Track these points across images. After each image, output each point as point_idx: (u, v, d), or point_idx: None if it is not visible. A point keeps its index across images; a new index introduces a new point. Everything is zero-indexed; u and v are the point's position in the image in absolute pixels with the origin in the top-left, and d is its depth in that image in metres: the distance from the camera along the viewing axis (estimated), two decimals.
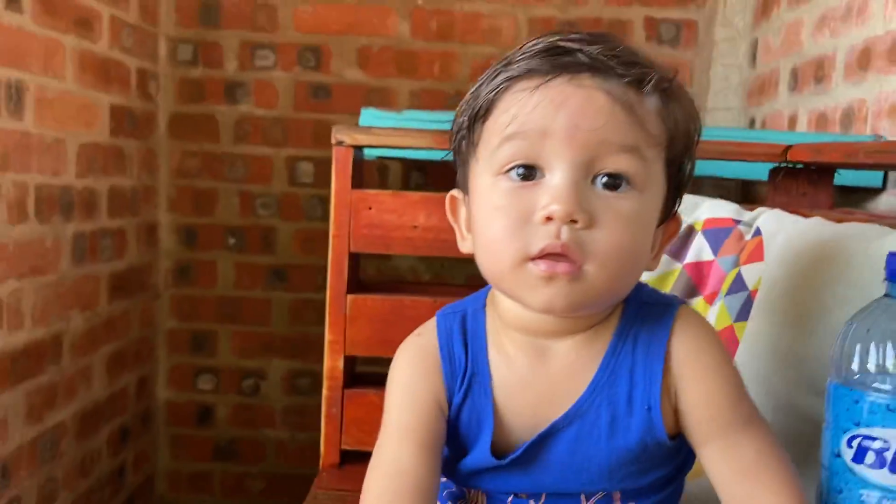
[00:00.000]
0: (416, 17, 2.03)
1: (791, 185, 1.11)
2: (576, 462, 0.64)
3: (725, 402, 0.64)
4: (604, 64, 0.58)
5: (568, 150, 0.58)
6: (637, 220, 0.60)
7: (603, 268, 0.58)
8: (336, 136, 1.08)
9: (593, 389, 0.63)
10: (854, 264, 0.75)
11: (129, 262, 1.91)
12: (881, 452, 0.61)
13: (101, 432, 1.80)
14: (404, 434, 0.65)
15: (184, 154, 2.07)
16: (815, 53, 1.61)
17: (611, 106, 0.58)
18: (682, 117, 0.62)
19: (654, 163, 0.61)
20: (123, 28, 1.83)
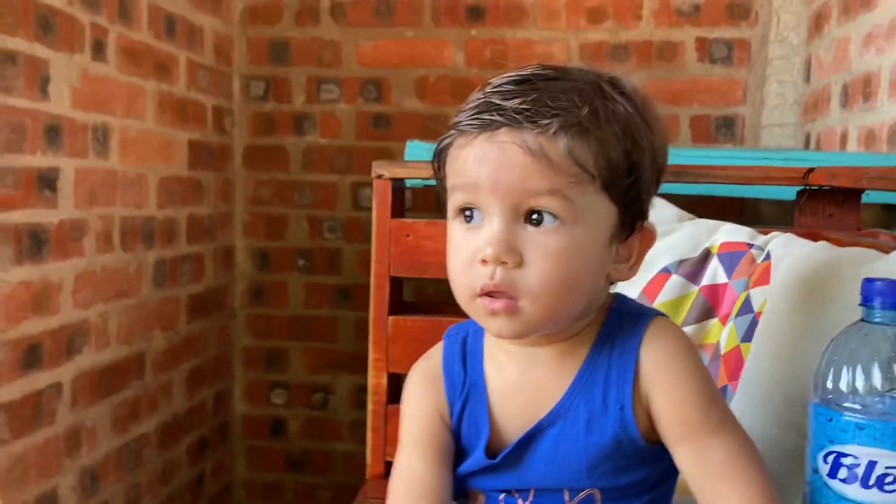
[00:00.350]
0: (470, 46, 2.12)
1: (817, 206, 1.13)
2: (558, 458, 0.70)
3: (694, 406, 0.68)
4: (516, 118, 0.64)
5: (494, 200, 0.65)
6: (568, 253, 0.65)
7: (535, 301, 0.65)
8: (376, 170, 1.17)
9: (573, 391, 0.70)
10: (846, 288, 0.78)
11: (206, 285, 2.06)
12: (853, 468, 0.64)
13: (181, 443, 1.95)
14: (414, 445, 0.74)
15: (257, 183, 2.22)
16: (863, 70, 1.61)
17: (523, 158, 0.63)
18: (611, 144, 0.65)
19: (584, 195, 0.65)
20: (199, 70, 1.98)
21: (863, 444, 0.64)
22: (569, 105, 0.65)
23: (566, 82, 0.67)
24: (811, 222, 1.14)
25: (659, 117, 0.71)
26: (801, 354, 0.81)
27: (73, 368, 1.50)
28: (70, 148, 1.48)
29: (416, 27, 2.13)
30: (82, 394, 1.53)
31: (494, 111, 0.65)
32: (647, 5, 2.08)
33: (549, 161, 0.64)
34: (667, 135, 0.72)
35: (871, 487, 0.64)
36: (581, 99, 0.66)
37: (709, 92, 2.09)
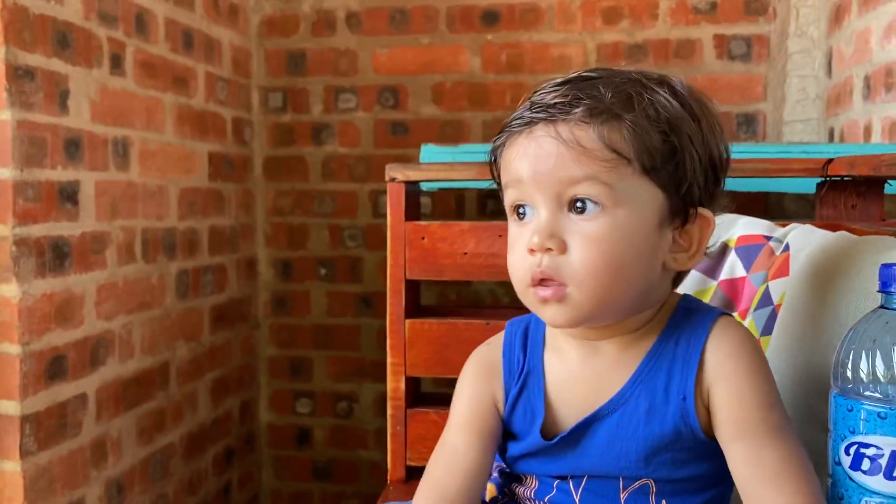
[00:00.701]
0: (486, 51, 2.12)
1: (838, 198, 1.11)
2: (615, 446, 0.71)
3: (754, 406, 0.68)
4: (550, 112, 0.67)
5: (537, 192, 0.68)
6: (610, 237, 0.66)
7: (581, 287, 0.67)
8: (389, 173, 1.17)
9: (634, 381, 0.71)
10: (865, 276, 0.76)
11: (229, 295, 2.08)
12: (875, 459, 0.63)
13: (207, 453, 1.96)
14: (462, 426, 0.77)
15: (277, 193, 2.23)
16: (885, 61, 1.58)
17: (557, 148, 0.66)
18: (646, 128, 0.66)
19: (623, 180, 0.66)
20: (218, 82, 2.00)
21: (886, 433, 0.62)
22: (600, 94, 0.67)
23: (605, 79, 0.70)
24: (833, 214, 1.12)
25: (712, 112, 0.72)
26: (821, 346, 0.79)
27: (98, 379, 1.52)
28: (90, 161, 1.50)
29: (431, 34, 2.14)
30: (107, 405, 1.54)
31: (533, 109, 0.68)
32: (663, 4, 2.06)
33: (583, 148, 0.66)
34: (721, 129, 0.72)
35: (894, 479, 0.62)
36: (614, 88, 0.68)
37: (729, 89, 2.06)
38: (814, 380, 0.79)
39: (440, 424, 1.19)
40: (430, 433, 1.19)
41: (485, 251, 1.15)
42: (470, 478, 0.75)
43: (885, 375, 0.63)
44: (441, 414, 1.19)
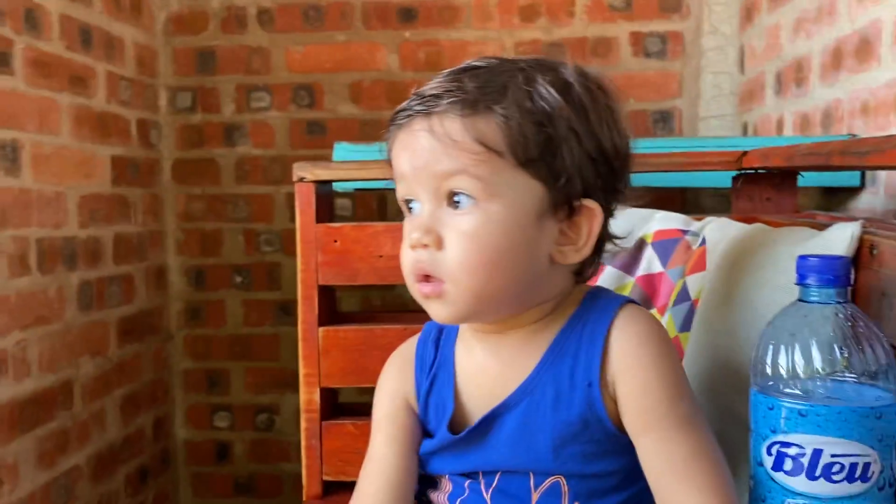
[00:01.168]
0: (404, 49, 2.08)
1: (753, 190, 1.11)
2: (524, 437, 0.69)
3: (662, 396, 0.66)
4: (425, 106, 0.66)
5: (418, 186, 0.67)
6: (483, 232, 0.65)
7: (457, 283, 0.65)
8: (297, 172, 1.11)
9: (540, 369, 0.69)
10: (781, 268, 0.75)
11: (139, 307, 1.97)
12: (798, 458, 0.61)
13: (118, 474, 1.85)
14: (378, 427, 0.77)
15: (188, 198, 2.13)
16: (794, 56, 1.60)
17: (430, 142, 0.65)
18: (519, 120, 0.64)
19: (496, 173, 0.64)
20: (120, 82, 1.90)
21: (807, 432, 0.60)
22: (473, 86, 0.65)
23: (487, 69, 0.68)
24: (749, 207, 1.12)
25: (609, 103, 0.69)
26: (740, 341, 0.77)
27: None
28: None
29: (347, 31, 2.08)
30: (1, 428, 1.43)
31: (412, 101, 0.67)
32: (579, 1, 2.06)
33: (453, 142, 0.64)
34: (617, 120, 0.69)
35: (817, 478, 0.60)
36: (491, 78, 0.66)
37: (645, 86, 2.07)
38: (733, 376, 0.77)
39: (358, 437, 1.14)
40: (349, 446, 1.13)
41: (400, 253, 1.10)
42: (392, 484, 0.74)
43: (804, 371, 0.61)
44: (359, 426, 1.13)
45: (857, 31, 1.30)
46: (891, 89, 1.19)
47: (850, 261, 0.62)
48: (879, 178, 1.26)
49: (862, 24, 1.28)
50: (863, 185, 1.32)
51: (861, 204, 1.32)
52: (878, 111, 1.23)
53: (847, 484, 0.59)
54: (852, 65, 1.33)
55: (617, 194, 0.70)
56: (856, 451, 0.58)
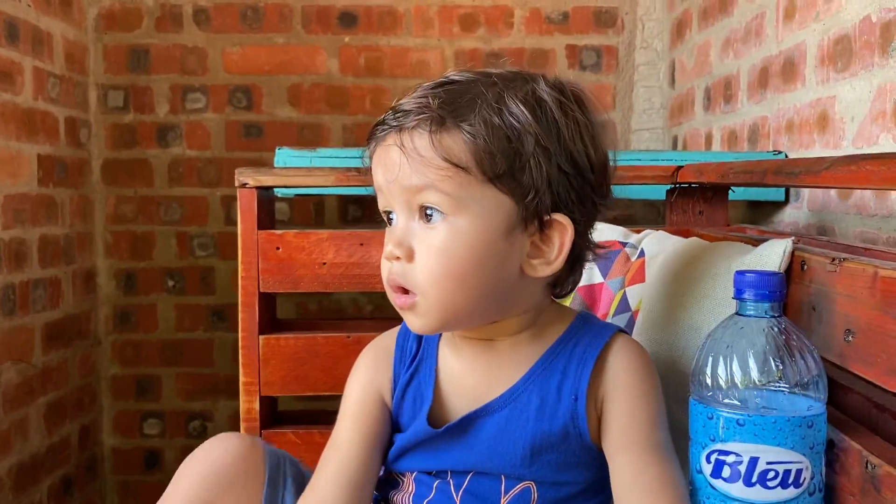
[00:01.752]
0: (344, 54, 2.07)
1: (687, 204, 1.15)
2: (502, 442, 0.71)
3: (643, 423, 0.70)
4: (398, 121, 0.67)
5: (391, 198, 0.69)
6: (451, 246, 0.66)
7: (426, 295, 0.67)
8: (239, 178, 1.10)
9: (528, 378, 0.71)
10: (720, 282, 0.78)
11: (65, 311, 1.91)
12: (735, 466, 0.63)
13: (41, 484, 1.78)
14: (345, 416, 0.77)
15: (119, 199, 2.08)
16: (723, 73, 1.67)
17: (399, 157, 0.67)
18: (486, 137, 0.65)
19: (464, 188, 0.66)
20: (49, 78, 1.83)
21: (744, 440, 0.63)
22: (441, 101, 0.66)
23: (461, 84, 0.69)
24: (682, 220, 1.16)
25: (584, 117, 0.69)
26: (678, 352, 0.80)
27: None
28: None
29: (286, 33, 2.06)
30: None
31: (387, 116, 0.69)
32: (517, 13, 2.09)
33: (421, 157, 0.66)
34: (594, 133, 0.70)
35: (754, 485, 0.63)
36: (460, 94, 0.67)
37: None
38: (673, 386, 0.80)
39: (300, 446, 1.13)
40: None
41: (345, 261, 1.10)
42: (351, 470, 0.74)
43: (742, 382, 0.64)
44: (300, 435, 1.13)
45: (783, 52, 1.36)
46: (814, 109, 1.26)
47: (784, 277, 0.66)
48: (803, 194, 1.32)
49: (788, 45, 1.34)
50: (787, 201, 1.38)
51: (786, 217, 1.38)
52: (802, 129, 1.29)
53: (781, 490, 0.62)
54: (778, 84, 1.39)
55: (595, 206, 0.71)
56: (789, 459, 0.62)
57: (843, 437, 0.64)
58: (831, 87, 1.20)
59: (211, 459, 0.78)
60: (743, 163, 0.85)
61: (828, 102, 1.21)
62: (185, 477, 0.77)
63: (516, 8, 2.08)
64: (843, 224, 1.18)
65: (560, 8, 2.09)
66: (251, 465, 0.78)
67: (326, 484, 0.74)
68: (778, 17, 1.39)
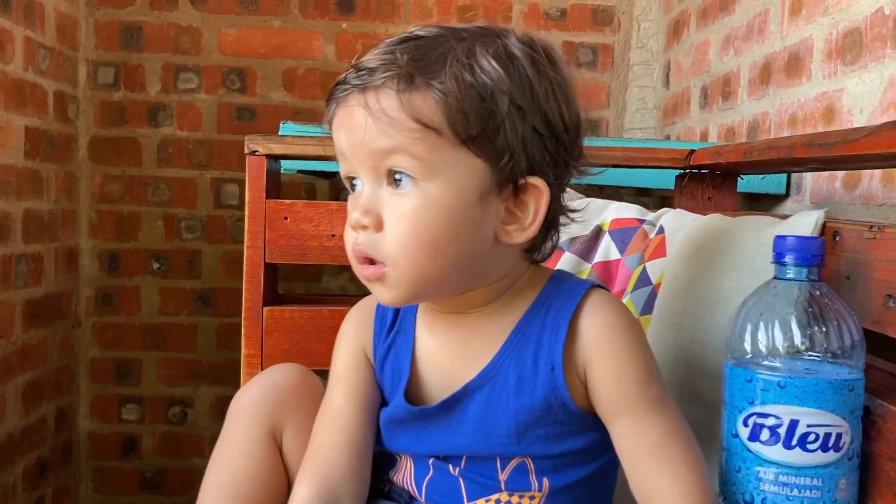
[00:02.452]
0: (341, 39, 2.05)
1: (696, 189, 1.15)
2: (488, 421, 0.68)
3: (633, 381, 0.66)
4: (361, 78, 0.62)
5: (355, 163, 0.65)
6: (422, 213, 0.62)
7: (396, 266, 0.63)
8: (249, 145, 1.07)
9: (503, 353, 0.68)
10: (748, 252, 0.78)
11: (46, 289, 1.86)
12: (775, 429, 0.63)
13: (15, 466, 1.73)
14: (337, 380, 0.75)
15: (105, 178, 2.03)
16: (722, 71, 1.69)
17: (366, 119, 0.62)
18: (458, 97, 0.61)
19: (436, 151, 0.61)
20: (39, 50, 1.79)
21: (784, 402, 0.63)
22: (410, 58, 0.62)
23: (430, 39, 0.64)
24: (691, 205, 1.16)
25: (559, 75, 0.66)
26: (704, 323, 0.80)
27: None
28: None
29: (283, 17, 2.04)
30: None
31: (349, 75, 0.64)
32: (516, 7, 2.10)
33: (389, 118, 0.61)
34: (568, 92, 0.67)
35: (793, 448, 0.62)
36: (430, 50, 0.63)
37: None
38: (696, 357, 0.80)
39: None
40: None
41: None
42: (349, 435, 0.72)
43: (783, 345, 0.64)
44: None
45: (788, 48, 1.38)
46: (819, 103, 1.27)
47: (825, 241, 0.66)
48: (805, 185, 1.33)
49: (793, 41, 1.36)
50: (787, 194, 1.39)
51: (786, 211, 1.39)
52: (807, 122, 1.31)
53: (821, 453, 0.62)
54: (781, 79, 1.40)
55: (568, 169, 0.67)
56: (830, 422, 0.61)
57: (881, 402, 0.64)
58: (839, 80, 1.21)
59: (273, 380, 0.78)
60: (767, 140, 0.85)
61: (835, 96, 1.22)
62: (246, 395, 0.78)
63: (515, 2, 2.09)
64: (849, 216, 1.19)
65: (558, 4, 2.09)
66: (309, 385, 0.79)
67: (330, 447, 0.72)
68: (783, 14, 1.41)
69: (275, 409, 0.76)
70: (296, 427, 0.76)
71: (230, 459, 0.76)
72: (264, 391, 0.77)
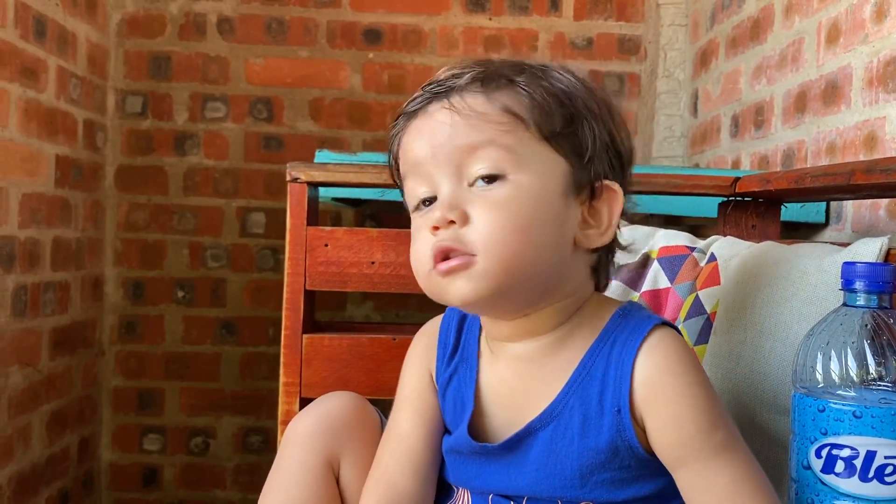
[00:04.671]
0: (367, 70, 2.06)
1: (740, 217, 1.13)
2: (550, 462, 0.65)
3: (695, 427, 0.62)
4: (443, 86, 0.65)
5: (437, 169, 0.65)
6: (514, 201, 0.63)
7: (488, 253, 0.62)
8: (291, 172, 1.07)
9: (568, 390, 0.66)
10: (809, 281, 0.76)
11: (72, 317, 1.85)
12: (850, 460, 0.61)
13: (39, 496, 1.71)
14: (404, 403, 0.74)
15: (131, 206, 2.04)
16: (754, 100, 1.68)
17: (451, 118, 0.64)
18: (541, 93, 0.64)
19: (523, 144, 0.64)
20: (71, 79, 1.81)
21: (860, 433, 0.60)
22: (491, 64, 0.66)
23: (499, 61, 0.68)
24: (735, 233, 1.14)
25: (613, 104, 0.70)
26: (764, 353, 0.78)
27: None
28: None
29: (310, 47, 2.05)
30: None
31: (425, 88, 0.67)
32: (542, 37, 2.10)
33: (478, 113, 0.64)
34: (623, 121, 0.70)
35: (870, 480, 0.60)
36: (502, 62, 0.68)
37: None
38: (758, 387, 0.78)
39: None
40: None
41: (393, 260, 1.07)
42: (415, 459, 0.72)
43: (857, 374, 0.62)
44: None
45: (825, 76, 1.37)
46: (860, 130, 1.26)
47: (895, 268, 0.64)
48: (846, 213, 1.32)
49: (830, 69, 1.35)
50: (827, 223, 1.38)
51: (825, 240, 1.37)
52: (846, 150, 1.29)
53: None
54: (818, 108, 1.39)
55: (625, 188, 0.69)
56: None
57: None
58: (881, 108, 1.20)
59: (329, 408, 0.77)
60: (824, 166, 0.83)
61: (876, 123, 1.21)
62: (302, 423, 0.76)
63: (541, 32, 2.10)
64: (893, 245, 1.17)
65: (584, 34, 2.10)
66: (366, 414, 0.78)
67: (396, 472, 0.72)
68: (819, 42, 1.40)
69: (332, 439, 0.75)
70: (354, 457, 0.75)
71: (287, 491, 0.74)
72: (321, 419, 0.76)
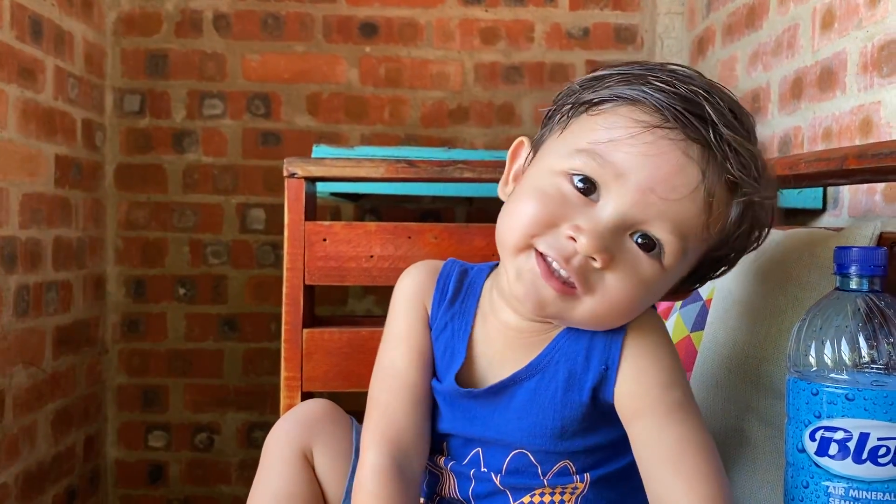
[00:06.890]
0: (364, 64, 2.06)
1: None
2: (533, 412, 0.68)
3: (654, 381, 0.66)
4: (719, 148, 0.60)
5: (630, 201, 0.61)
6: (649, 285, 0.64)
7: (599, 304, 0.63)
8: (288, 168, 1.07)
9: (554, 345, 0.69)
10: (803, 266, 0.77)
11: (75, 316, 1.86)
12: (844, 443, 0.62)
13: (45, 494, 1.72)
14: (400, 340, 0.74)
15: (131, 205, 2.04)
16: (751, 86, 1.68)
17: (697, 188, 0.60)
18: (746, 231, 0.66)
19: (693, 252, 0.65)
20: (69, 79, 1.81)
21: (853, 416, 0.61)
22: (758, 167, 0.63)
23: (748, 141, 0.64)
24: None
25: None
26: (759, 338, 0.78)
27: None
28: None
29: (306, 42, 2.05)
30: None
31: (705, 121, 0.60)
32: (538, 27, 2.10)
33: (711, 211, 0.62)
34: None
35: (864, 462, 0.61)
36: (749, 156, 0.63)
37: None
38: (753, 371, 0.79)
39: None
40: None
41: (392, 254, 1.08)
42: (414, 395, 0.72)
43: (850, 358, 0.62)
44: None
45: (820, 62, 1.37)
46: (855, 116, 1.26)
47: (888, 252, 0.64)
48: (843, 199, 1.32)
49: (825, 55, 1.35)
50: (824, 208, 1.38)
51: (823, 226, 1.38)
52: (842, 135, 1.30)
53: (893, 467, 0.60)
54: (814, 93, 1.40)
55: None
56: None
57: None
58: (875, 92, 1.20)
59: (302, 411, 0.80)
60: (817, 151, 0.84)
61: (871, 108, 1.21)
62: (279, 426, 0.79)
63: (537, 22, 2.09)
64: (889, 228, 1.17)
65: (581, 24, 2.10)
66: (336, 414, 0.80)
67: (398, 409, 0.72)
68: (813, 28, 1.40)
69: (305, 432, 0.78)
70: (324, 447, 0.78)
71: (269, 484, 0.77)
72: (296, 420, 0.80)
